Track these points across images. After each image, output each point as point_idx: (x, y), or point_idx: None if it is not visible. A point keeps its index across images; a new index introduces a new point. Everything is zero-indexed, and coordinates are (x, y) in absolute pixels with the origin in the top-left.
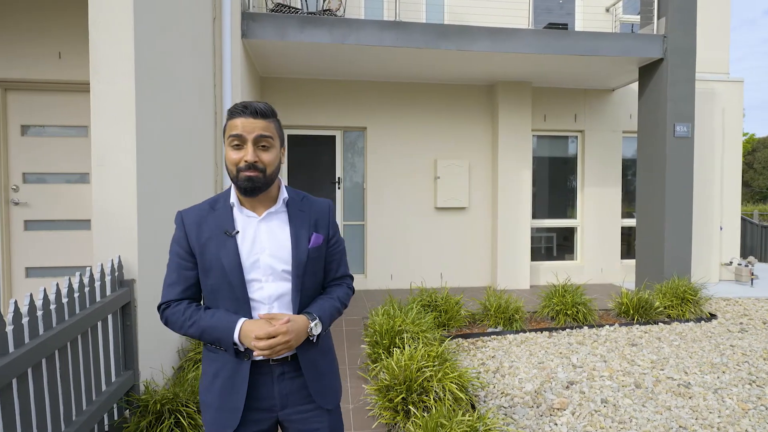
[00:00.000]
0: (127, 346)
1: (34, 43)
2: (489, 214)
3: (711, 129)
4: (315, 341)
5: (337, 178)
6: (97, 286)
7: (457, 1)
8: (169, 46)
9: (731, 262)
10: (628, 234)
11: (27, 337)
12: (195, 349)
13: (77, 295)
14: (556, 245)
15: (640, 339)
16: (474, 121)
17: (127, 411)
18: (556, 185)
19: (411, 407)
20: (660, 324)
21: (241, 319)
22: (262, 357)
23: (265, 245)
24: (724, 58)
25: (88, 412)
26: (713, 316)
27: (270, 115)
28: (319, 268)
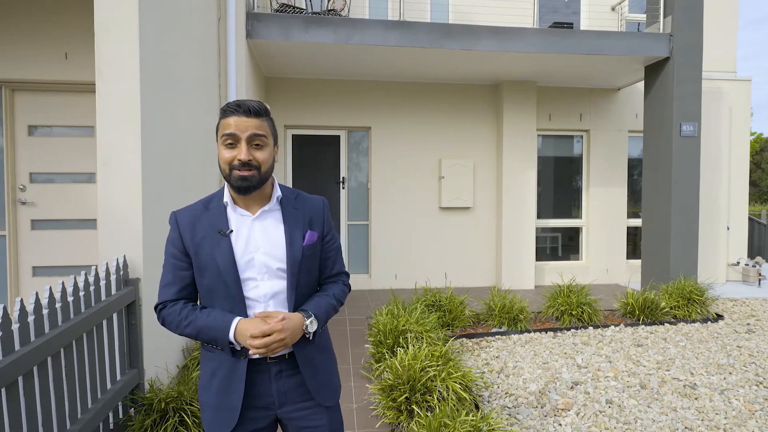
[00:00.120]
0: (132, 344)
1: (41, 44)
2: (493, 214)
3: (718, 128)
4: (311, 338)
5: (341, 177)
6: (103, 285)
7: (462, 1)
8: (174, 46)
9: (738, 263)
10: (634, 234)
11: (33, 336)
12: (199, 348)
13: (83, 293)
14: (561, 245)
15: (646, 339)
16: (478, 120)
17: (132, 409)
18: (561, 185)
19: (414, 407)
20: (666, 324)
21: (237, 318)
22: (258, 355)
23: (259, 244)
24: (731, 56)
25: (94, 410)
26: (720, 317)
27: (263, 113)
28: (314, 266)
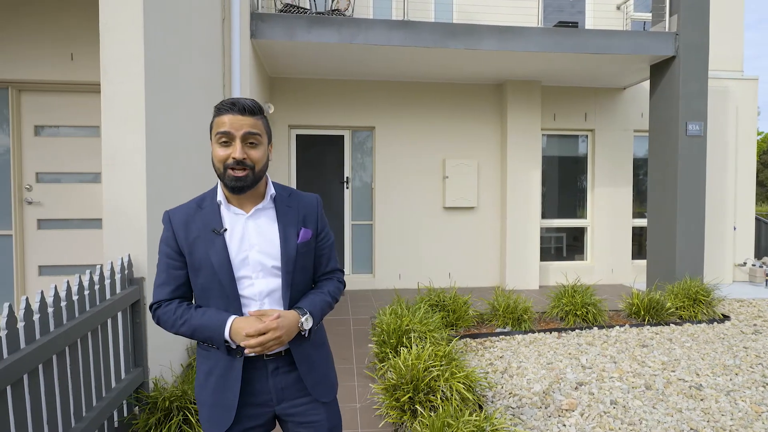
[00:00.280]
0: (137, 343)
1: (47, 44)
2: (498, 214)
3: (724, 128)
4: (307, 336)
5: (345, 177)
6: (107, 284)
7: (466, 0)
8: (179, 46)
9: (745, 263)
10: (639, 234)
11: (38, 334)
12: None
13: (88, 292)
14: (565, 245)
15: (651, 340)
16: (483, 120)
17: (137, 408)
18: (565, 185)
19: (418, 407)
20: (671, 325)
21: (232, 317)
22: (254, 354)
23: (253, 242)
24: (737, 55)
25: (98, 409)
26: (726, 318)
27: (258, 111)
28: (309, 264)
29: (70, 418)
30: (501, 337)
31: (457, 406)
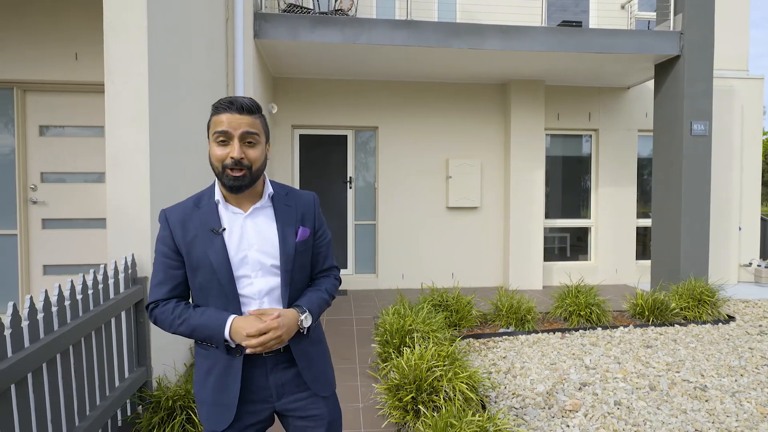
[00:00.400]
0: (140, 342)
1: (52, 45)
2: (501, 214)
3: (729, 127)
4: (306, 333)
5: (348, 177)
6: (111, 283)
7: (470, 0)
8: (183, 46)
9: (750, 264)
10: (644, 234)
11: (42, 333)
12: None
13: (91, 292)
14: (569, 245)
15: (656, 341)
16: (486, 120)
17: (140, 407)
18: (569, 185)
19: (421, 407)
20: (676, 326)
21: (231, 316)
22: (254, 352)
23: (252, 241)
24: (743, 54)
25: (102, 408)
26: (731, 318)
27: (256, 110)
28: (307, 262)
29: (74, 416)
30: (504, 337)
31: (460, 406)
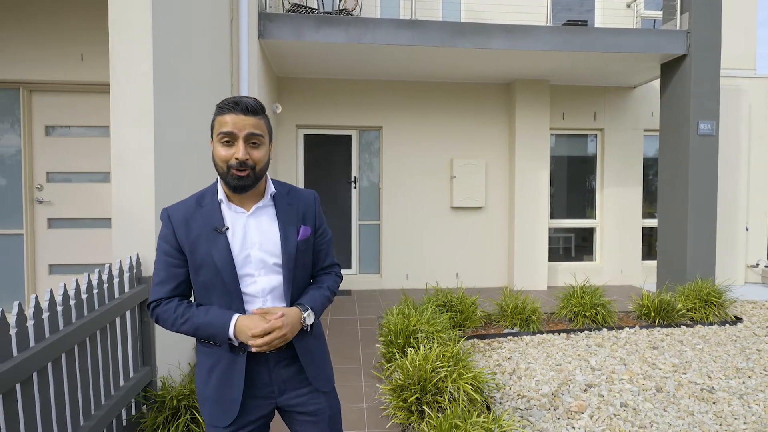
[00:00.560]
0: (145, 342)
1: (57, 45)
2: (506, 214)
3: (737, 127)
4: (309, 330)
5: (352, 177)
6: (116, 283)
7: None
8: (187, 46)
9: (758, 264)
10: (649, 235)
11: (47, 332)
12: None
13: (96, 291)
14: (574, 246)
15: (662, 342)
16: (491, 119)
17: (145, 406)
18: (574, 185)
19: (425, 408)
20: (682, 327)
21: (235, 315)
22: (259, 351)
23: (255, 240)
24: (750, 53)
25: (107, 407)
26: (738, 320)
27: (260, 111)
28: (308, 260)
29: (79, 416)
30: (509, 337)
31: (465, 407)
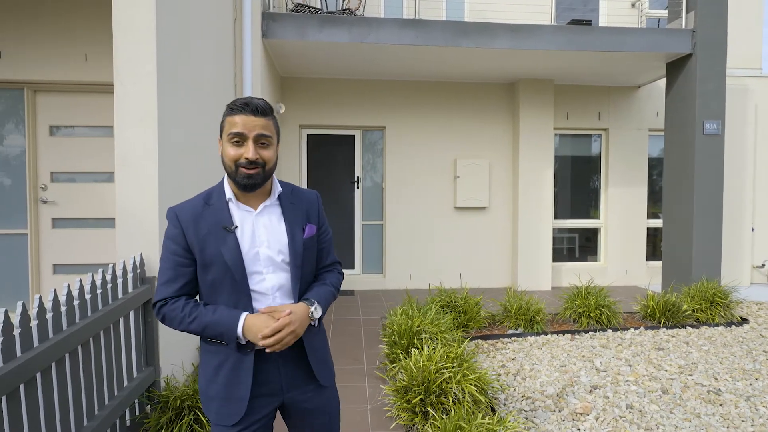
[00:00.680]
0: (148, 342)
1: (61, 45)
2: (510, 214)
3: (743, 126)
4: (316, 325)
5: (356, 177)
6: (120, 283)
7: None
8: (191, 46)
9: (764, 265)
10: (654, 235)
11: (51, 332)
12: None
13: (100, 291)
14: (578, 246)
15: (667, 343)
16: (494, 119)
17: (148, 407)
18: (578, 185)
19: (429, 409)
20: (688, 328)
21: (243, 314)
22: (273, 350)
23: (263, 238)
24: (756, 53)
25: (110, 407)
26: (745, 321)
27: (269, 112)
28: (314, 258)
29: (83, 416)
30: (513, 338)
31: (469, 408)
